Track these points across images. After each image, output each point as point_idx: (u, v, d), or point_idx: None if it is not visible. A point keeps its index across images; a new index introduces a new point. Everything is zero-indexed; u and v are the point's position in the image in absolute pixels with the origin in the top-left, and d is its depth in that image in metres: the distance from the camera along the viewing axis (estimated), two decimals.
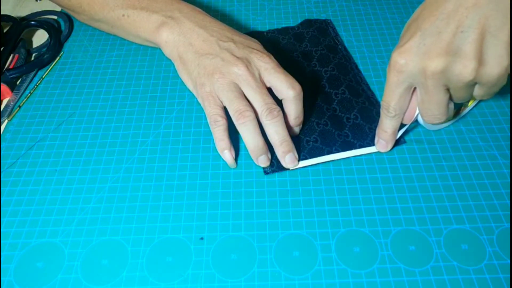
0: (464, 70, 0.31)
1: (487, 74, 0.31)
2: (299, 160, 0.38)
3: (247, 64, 0.38)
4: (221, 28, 0.42)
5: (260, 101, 0.37)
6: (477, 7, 0.30)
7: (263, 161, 0.38)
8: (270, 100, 0.37)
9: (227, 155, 0.37)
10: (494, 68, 0.30)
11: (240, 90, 0.38)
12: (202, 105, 0.39)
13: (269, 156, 0.38)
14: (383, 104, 0.37)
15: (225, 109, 0.38)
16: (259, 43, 0.42)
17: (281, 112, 0.37)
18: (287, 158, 0.37)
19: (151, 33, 0.43)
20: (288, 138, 0.37)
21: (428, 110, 0.35)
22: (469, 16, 0.30)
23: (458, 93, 0.33)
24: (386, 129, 0.38)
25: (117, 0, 0.45)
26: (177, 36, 0.41)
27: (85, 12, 0.48)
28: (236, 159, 0.39)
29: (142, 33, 0.44)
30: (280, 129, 0.37)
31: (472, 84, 0.32)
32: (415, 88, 0.35)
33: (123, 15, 0.44)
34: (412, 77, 0.33)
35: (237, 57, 0.38)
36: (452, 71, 0.31)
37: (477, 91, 0.34)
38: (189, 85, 0.41)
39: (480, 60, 0.30)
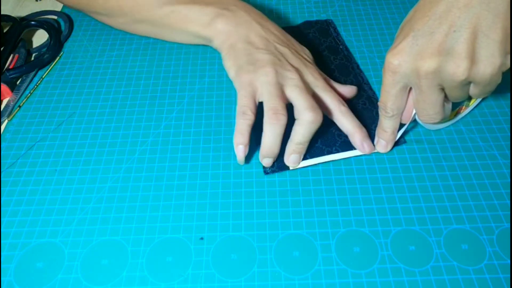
0: (457, 69, 0.31)
1: (480, 73, 0.31)
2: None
3: (301, 74, 0.38)
4: (277, 29, 0.42)
5: (304, 101, 0.36)
6: (469, 7, 0.30)
7: (268, 162, 0.38)
8: (315, 104, 0.36)
9: (241, 150, 0.36)
10: (487, 67, 0.31)
11: (284, 93, 0.37)
12: (237, 92, 0.37)
13: (275, 159, 0.38)
14: (380, 104, 0.37)
15: (259, 106, 0.37)
16: (310, 53, 0.42)
17: (321, 119, 0.36)
18: (292, 157, 0.37)
19: (204, 25, 0.42)
20: (307, 144, 0.37)
21: (423, 110, 0.35)
22: (461, 16, 0.30)
23: (453, 92, 0.34)
24: (386, 129, 0.38)
25: None
26: (233, 27, 0.40)
27: (126, 14, 0.47)
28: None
29: (193, 27, 0.43)
30: (307, 133, 0.36)
31: (467, 83, 0.33)
32: (411, 88, 0.35)
33: (172, 11, 0.44)
34: (406, 78, 0.34)
35: (292, 65, 0.38)
36: (445, 71, 0.31)
37: (473, 90, 0.34)
38: (231, 71, 0.39)
39: (473, 59, 0.30)
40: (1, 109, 0.45)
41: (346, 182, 0.38)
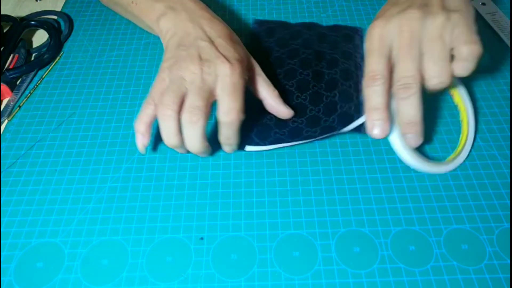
0: (436, 15, 0.36)
1: (456, 17, 0.36)
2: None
3: (206, 67, 0.37)
4: (213, 27, 0.41)
5: (188, 99, 0.35)
6: None
7: (181, 151, 0.37)
8: (200, 104, 0.35)
9: (140, 138, 0.37)
10: (461, 13, 0.36)
11: (184, 88, 0.36)
12: None
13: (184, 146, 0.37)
14: (368, 74, 0.36)
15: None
16: (244, 54, 0.40)
17: (198, 121, 0.35)
18: (201, 155, 0.38)
19: (153, 21, 0.44)
20: (200, 143, 0.36)
21: (404, 68, 0.35)
22: None
23: (433, 46, 0.35)
24: (377, 105, 0.35)
25: None
26: (170, 26, 0.41)
27: None
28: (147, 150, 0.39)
29: (147, 20, 0.45)
30: (190, 134, 0.35)
31: (447, 32, 0.35)
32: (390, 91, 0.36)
33: (132, 2, 0.46)
34: (390, 37, 0.36)
35: (201, 58, 0.37)
36: (426, 21, 0.36)
37: (456, 63, 0.35)
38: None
39: (447, 8, 0.36)
40: (1, 109, 0.45)
41: (346, 182, 0.38)
